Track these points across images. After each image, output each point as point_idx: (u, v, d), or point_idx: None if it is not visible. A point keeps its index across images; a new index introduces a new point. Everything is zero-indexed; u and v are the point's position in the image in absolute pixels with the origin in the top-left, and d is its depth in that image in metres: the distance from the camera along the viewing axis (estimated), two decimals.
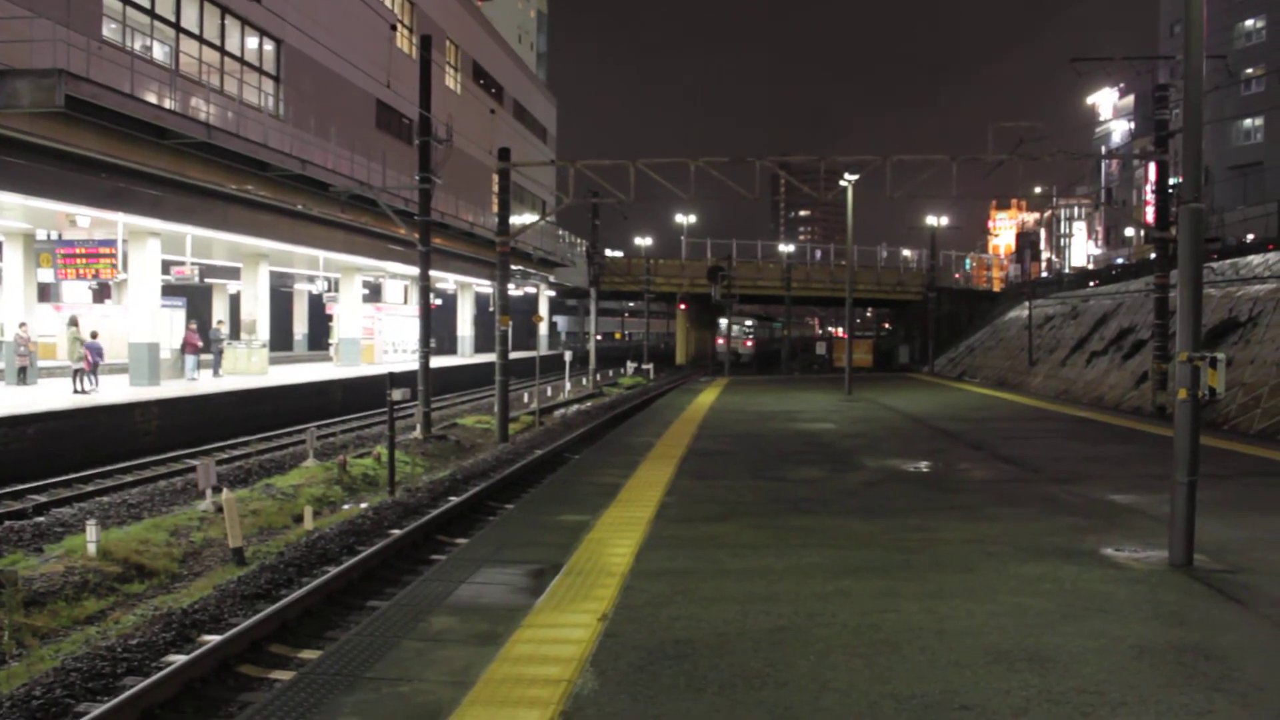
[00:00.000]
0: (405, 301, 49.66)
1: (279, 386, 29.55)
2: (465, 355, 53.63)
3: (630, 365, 59.66)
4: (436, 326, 36.97)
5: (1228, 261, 30.77)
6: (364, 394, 33.12)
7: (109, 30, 24.53)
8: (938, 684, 5.97)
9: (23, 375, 25.94)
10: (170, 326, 30.56)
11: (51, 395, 23.42)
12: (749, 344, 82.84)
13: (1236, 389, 22.88)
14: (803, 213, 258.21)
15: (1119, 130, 79.48)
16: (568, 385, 44.27)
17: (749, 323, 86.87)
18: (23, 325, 26.42)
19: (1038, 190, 67.30)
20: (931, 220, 60.90)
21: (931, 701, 5.70)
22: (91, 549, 12.20)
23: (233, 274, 39.89)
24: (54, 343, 32.02)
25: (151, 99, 23.99)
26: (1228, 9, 54.88)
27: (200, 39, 28.73)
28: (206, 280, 39.79)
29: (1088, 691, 5.84)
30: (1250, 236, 36.58)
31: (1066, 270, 75.25)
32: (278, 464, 21.01)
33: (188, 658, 8.86)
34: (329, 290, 43.59)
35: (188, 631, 9.95)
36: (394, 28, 40.26)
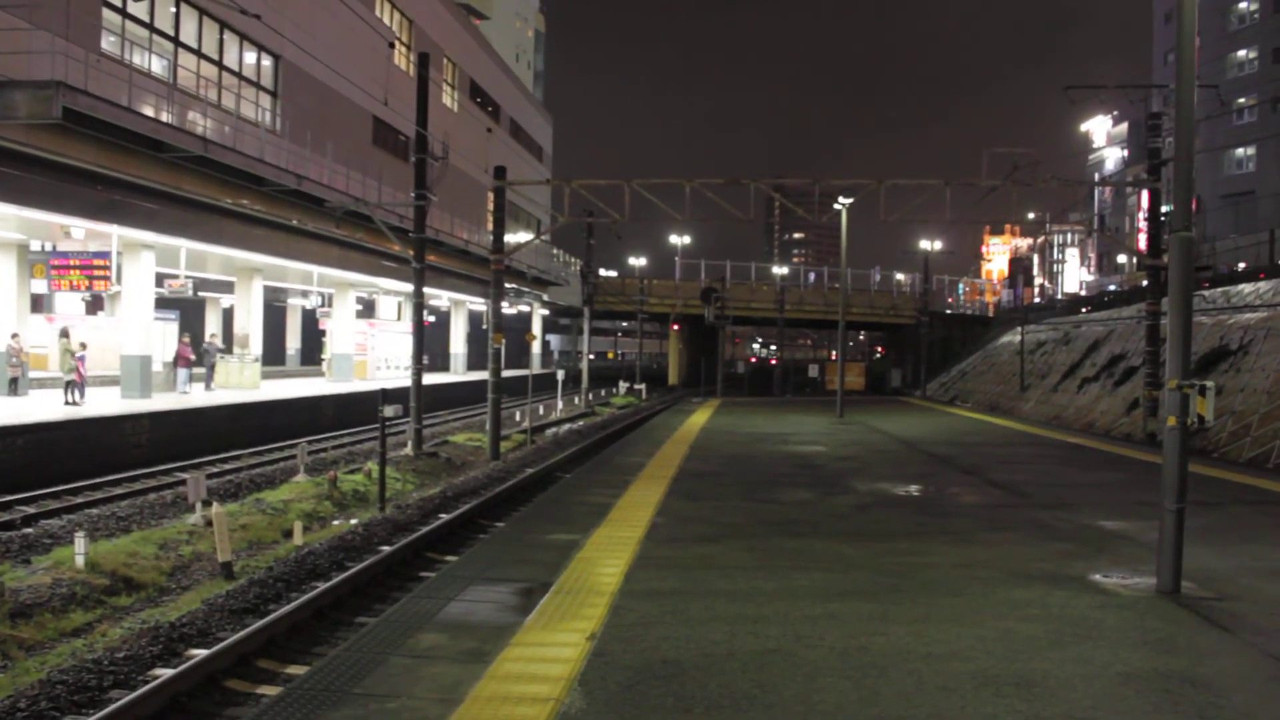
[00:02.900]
0: (399, 318, 49.68)
1: (271, 401, 29.51)
2: (458, 373, 53.61)
3: (623, 385, 59.64)
4: (430, 343, 36.98)
5: (1219, 290, 30.91)
6: (356, 410, 33.07)
7: (107, 43, 24.60)
8: (925, 708, 5.98)
9: (14, 386, 25.90)
10: (163, 339, 30.54)
11: (42, 406, 23.36)
12: (774, 362, 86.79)
13: (1227, 417, 22.95)
14: (797, 235, 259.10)
15: (1112, 158, 79.87)
16: (560, 404, 44.27)
17: (773, 346, 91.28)
18: (15, 336, 26.39)
19: (1031, 216, 67.61)
20: (925, 244, 61.01)
21: None
22: (79, 561, 12.16)
23: (226, 288, 39.89)
24: (46, 354, 31.96)
25: (149, 112, 24.04)
26: (1220, 39, 55.33)
27: (199, 53, 28.83)
28: (200, 294, 39.78)
29: (1074, 717, 5.85)
30: (1242, 265, 36.77)
31: (1059, 296, 75.48)
32: (268, 479, 20.97)
33: (174, 672, 8.82)
34: (323, 305, 43.58)
35: (175, 645, 9.91)
36: (392, 45, 40.41)
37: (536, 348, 60.85)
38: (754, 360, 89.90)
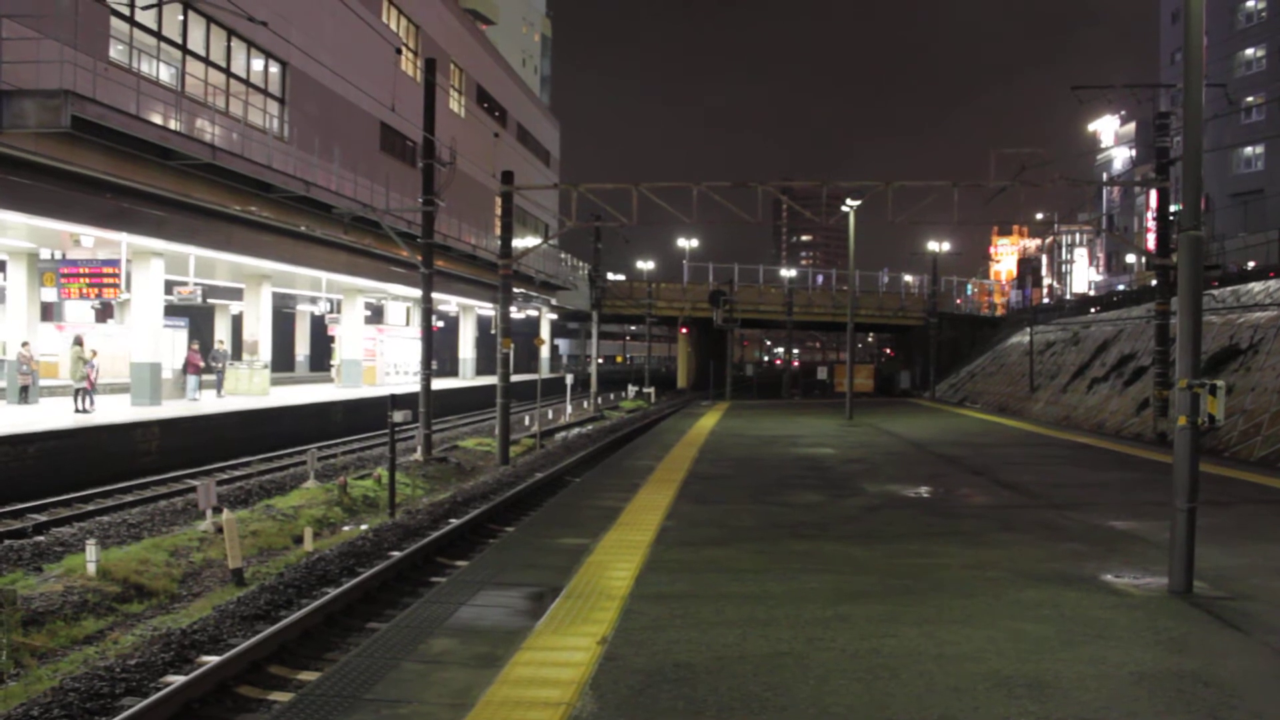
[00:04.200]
0: (407, 323, 49.75)
1: (280, 407, 29.57)
2: (467, 378, 53.66)
3: (631, 388, 59.68)
4: (438, 349, 37.04)
5: (1229, 289, 30.80)
6: (365, 415, 33.12)
7: (116, 52, 24.68)
8: (937, 709, 5.97)
9: (24, 394, 25.98)
10: (172, 346, 30.62)
11: (53, 414, 23.43)
12: (796, 364, 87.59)
13: (1237, 416, 22.87)
14: (805, 238, 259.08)
15: (1120, 157, 79.61)
16: (569, 408, 44.29)
17: (795, 350, 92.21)
18: (25, 344, 26.48)
19: (1039, 217, 67.43)
20: (933, 246, 60.93)
21: None
22: (91, 568, 12.19)
23: (235, 294, 39.98)
24: (56, 362, 32.07)
25: (157, 120, 24.10)
26: (1228, 38, 55.16)
27: (206, 61, 28.90)
28: (209, 300, 39.89)
29: (1086, 718, 5.84)
30: (1251, 264, 36.62)
31: (1068, 296, 75.22)
32: (278, 485, 21.00)
33: (186, 678, 8.84)
34: (331, 311, 43.67)
35: (186, 652, 9.93)
36: (399, 51, 40.48)
37: (545, 352, 60.93)
38: (780, 363, 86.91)
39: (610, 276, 66.94)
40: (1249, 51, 56.27)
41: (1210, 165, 51.91)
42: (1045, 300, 73.53)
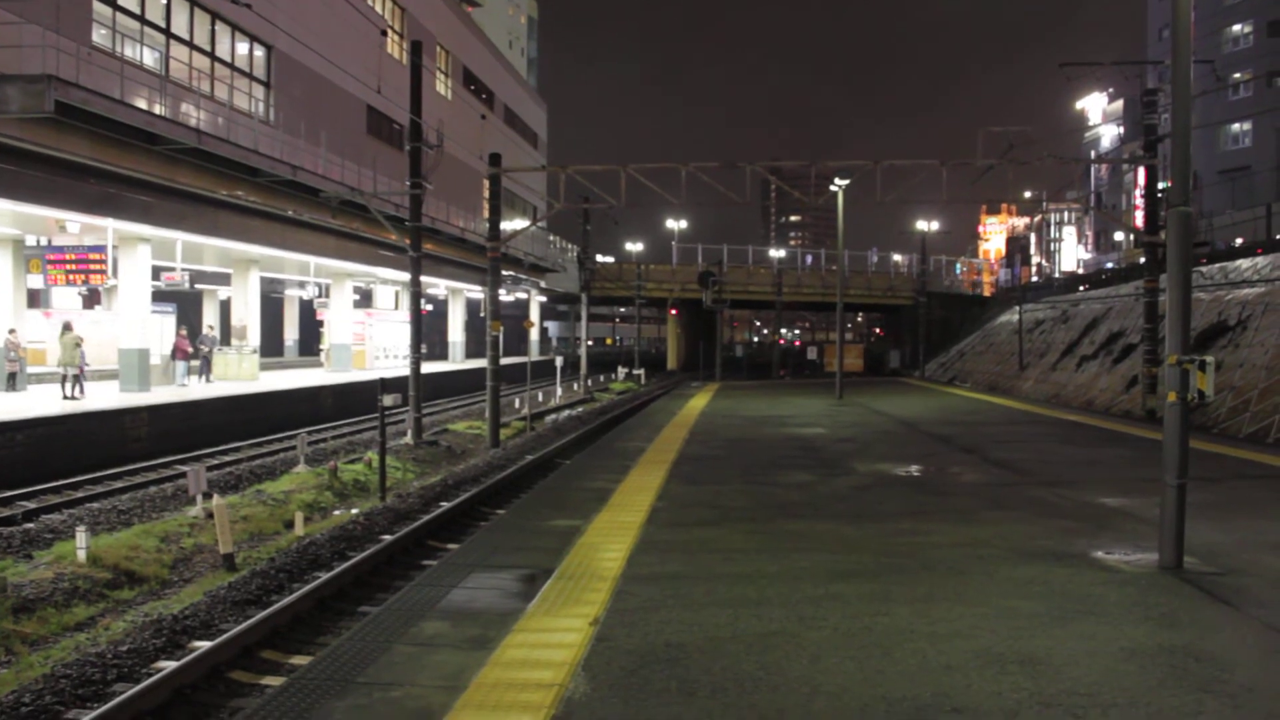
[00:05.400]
0: (396, 307, 49.62)
1: (270, 392, 29.48)
2: (457, 361, 53.60)
3: (622, 370, 59.65)
4: (428, 332, 36.96)
5: (1216, 266, 30.86)
6: (355, 400, 33.06)
7: (99, 36, 24.49)
8: (929, 687, 5.98)
9: (12, 381, 25.87)
10: (160, 332, 30.49)
11: (42, 401, 23.33)
12: (798, 344, 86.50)
13: (1226, 392, 22.96)
14: (793, 218, 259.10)
15: (1108, 135, 79.67)
16: (559, 390, 44.27)
17: (796, 331, 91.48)
18: (12, 331, 26.35)
19: (1028, 195, 67.32)
20: (922, 225, 60.83)
21: (923, 704, 5.71)
22: (81, 555, 12.16)
23: (223, 279, 39.85)
24: (44, 349, 31.94)
25: (142, 104, 23.96)
26: (1216, 14, 55.15)
27: (191, 44, 28.71)
28: (197, 286, 39.75)
29: (1078, 694, 5.85)
30: (1239, 241, 36.72)
31: (1057, 275, 75.39)
32: (269, 470, 20.96)
33: (178, 664, 8.82)
34: (320, 296, 43.53)
35: (178, 638, 9.91)
36: (384, 33, 40.23)
37: (534, 334, 60.90)
38: (782, 340, 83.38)
39: (599, 258, 66.83)
40: (1236, 28, 56.31)
41: (1198, 142, 51.93)
42: (1034, 279, 73.61)
